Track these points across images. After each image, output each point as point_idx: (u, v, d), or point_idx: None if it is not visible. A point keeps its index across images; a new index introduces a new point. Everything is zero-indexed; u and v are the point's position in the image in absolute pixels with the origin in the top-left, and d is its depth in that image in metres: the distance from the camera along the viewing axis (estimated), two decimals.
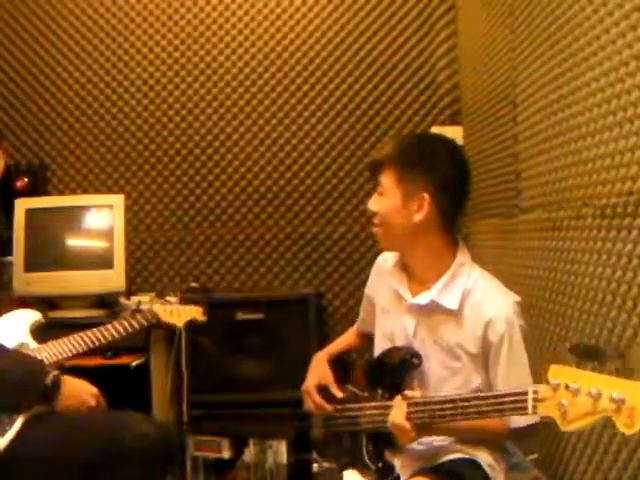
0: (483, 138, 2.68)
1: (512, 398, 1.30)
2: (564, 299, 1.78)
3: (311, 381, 1.80)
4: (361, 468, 1.62)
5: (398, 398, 1.51)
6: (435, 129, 3.12)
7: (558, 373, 1.17)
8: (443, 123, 3.12)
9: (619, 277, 1.46)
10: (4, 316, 1.89)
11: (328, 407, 1.75)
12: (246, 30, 3.22)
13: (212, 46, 3.23)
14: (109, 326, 1.98)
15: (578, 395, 1.12)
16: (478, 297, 1.59)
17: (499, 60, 2.37)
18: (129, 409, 1.88)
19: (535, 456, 1.89)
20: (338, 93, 3.18)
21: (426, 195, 1.58)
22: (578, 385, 1.12)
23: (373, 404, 1.63)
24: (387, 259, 1.79)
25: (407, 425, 1.45)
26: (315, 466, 1.75)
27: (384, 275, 1.77)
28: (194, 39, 3.24)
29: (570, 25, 1.70)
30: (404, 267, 1.70)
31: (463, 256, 1.64)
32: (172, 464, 2.06)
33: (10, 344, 1.79)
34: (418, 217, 1.59)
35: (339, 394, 1.75)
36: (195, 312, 2.22)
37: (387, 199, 1.62)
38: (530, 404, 1.24)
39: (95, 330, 1.95)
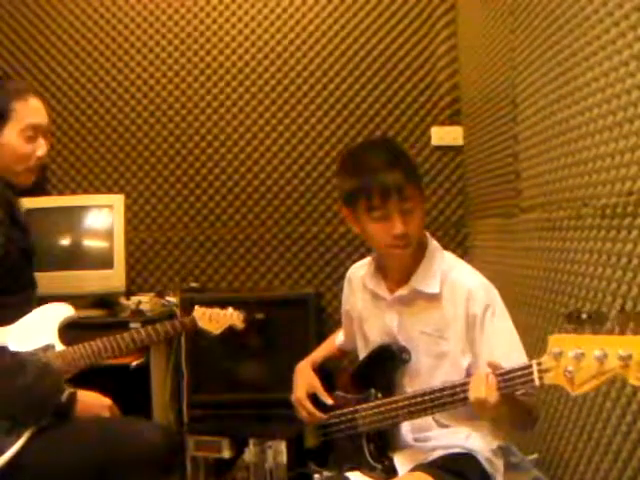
0: (483, 138, 2.68)
1: (518, 373, 1.29)
2: (564, 299, 1.78)
3: (300, 390, 1.79)
4: (365, 470, 1.61)
5: (479, 373, 1.40)
6: (435, 129, 3.12)
7: (559, 342, 1.19)
8: (443, 123, 3.13)
9: (619, 277, 1.46)
10: (37, 310, 1.81)
11: (322, 415, 1.74)
12: (246, 30, 3.22)
13: (212, 46, 3.23)
14: (142, 331, 1.89)
15: (583, 359, 1.14)
16: (454, 276, 1.61)
17: (499, 60, 2.37)
18: (129, 410, 1.88)
19: (535, 456, 1.89)
20: (338, 93, 3.19)
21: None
22: (582, 350, 1.13)
23: (369, 404, 1.63)
24: (358, 269, 1.80)
25: (498, 397, 1.33)
26: (316, 477, 1.73)
27: (358, 284, 1.77)
28: (194, 39, 3.24)
29: (570, 25, 1.70)
30: (380, 270, 1.70)
31: (432, 245, 1.67)
32: (175, 470, 2.02)
33: (36, 345, 1.75)
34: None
35: (330, 401, 1.74)
36: (235, 318, 2.10)
37: (418, 211, 1.59)
38: (536, 375, 1.24)
39: (126, 335, 1.86)
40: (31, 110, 1.79)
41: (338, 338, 1.95)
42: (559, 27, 1.77)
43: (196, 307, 2.08)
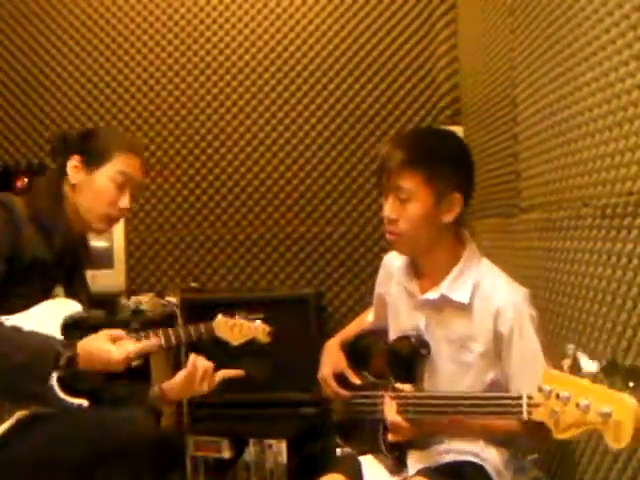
0: (483, 138, 2.68)
1: (508, 401, 1.29)
2: (564, 299, 1.78)
3: (326, 369, 1.79)
4: (379, 456, 1.61)
5: (386, 396, 1.52)
6: None
7: (551, 379, 1.15)
8: (443, 123, 3.12)
9: (619, 277, 1.46)
10: (42, 305, 1.73)
11: (346, 393, 1.74)
12: (246, 30, 3.22)
13: (212, 46, 3.24)
14: (151, 334, 1.77)
15: (568, 404, 1.10)
16: (487, 289, 1.56)
17: (499, 60, 2.37)
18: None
19: (535, 456, 1.89)
20: (338, 93, 3.19)
21: (458, 195, 1.54)
22: (568, 394, 1.10)
23: (391, 394, 1.62)
24: (393, 258, 1.76)
25: (399, 419, 1.46)
26: (338, 450, 1.75)
27: (392, 274, 1.74)
28: (194, 39, 3.24)
29: (570, 25, 1.70)
30: (413, 265, 1.67)
31: (471, 250, 1.61)
32: (173, 469, 1.98)
33: None
34: (447, 218, 1.54)
35: (355, 380, 1.74)
36: (260, 332, 1.94)
37: (415, 203, 1.52)
38: (525, 409, 1.25)
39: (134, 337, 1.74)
40: (130, 163, 1.81)
41: (369, 317, 1.91)
42: (559, 27, 1.77)
43: (219, 315, 1.92)
